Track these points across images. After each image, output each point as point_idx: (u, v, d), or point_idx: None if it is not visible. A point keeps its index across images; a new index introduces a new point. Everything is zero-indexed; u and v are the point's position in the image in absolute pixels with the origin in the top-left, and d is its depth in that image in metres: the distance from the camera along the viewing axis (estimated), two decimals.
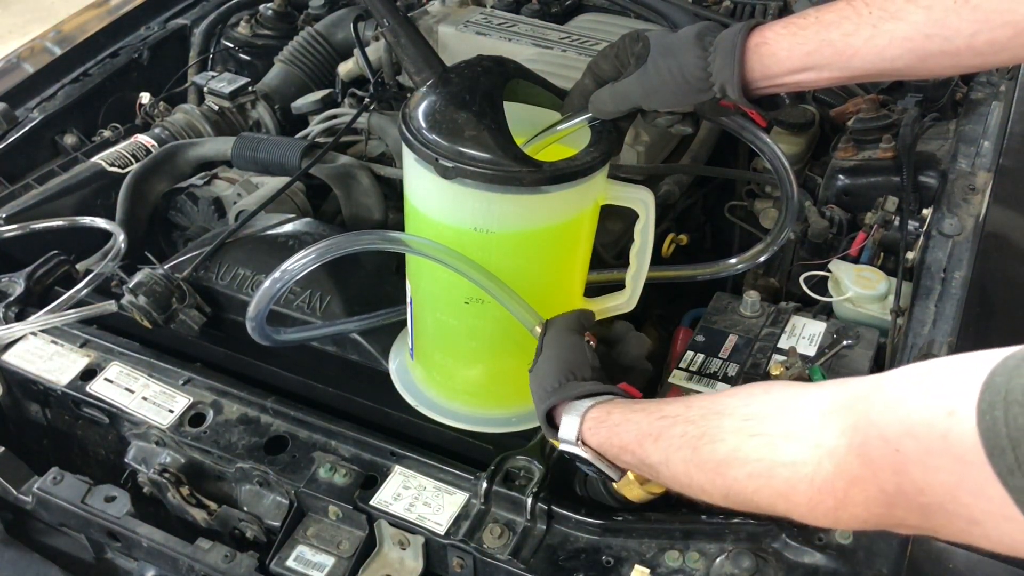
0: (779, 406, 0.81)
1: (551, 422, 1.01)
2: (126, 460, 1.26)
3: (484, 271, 1.05)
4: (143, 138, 1.80)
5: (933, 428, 0.64)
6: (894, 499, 0.69)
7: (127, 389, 1.27)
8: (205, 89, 1.91)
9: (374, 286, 1.39)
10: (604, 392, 0.99)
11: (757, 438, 0.79)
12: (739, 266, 1.26)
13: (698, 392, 1.21)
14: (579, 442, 0.97)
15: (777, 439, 0.78)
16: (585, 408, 0.97)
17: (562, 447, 0.99)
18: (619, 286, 1.22)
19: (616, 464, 0.97)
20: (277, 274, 1.08)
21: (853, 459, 0.71)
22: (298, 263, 1.06)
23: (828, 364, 1.23)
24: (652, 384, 1.31)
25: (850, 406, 0.73)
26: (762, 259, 1.23)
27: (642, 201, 1.14)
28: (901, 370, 0.71)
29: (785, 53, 0.98)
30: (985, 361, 0.62)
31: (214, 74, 1.95)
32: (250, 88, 1.92)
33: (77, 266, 1.50)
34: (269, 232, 1.46)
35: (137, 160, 1.72)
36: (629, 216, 1.16)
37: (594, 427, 0.96)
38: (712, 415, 0.85)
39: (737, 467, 0.80)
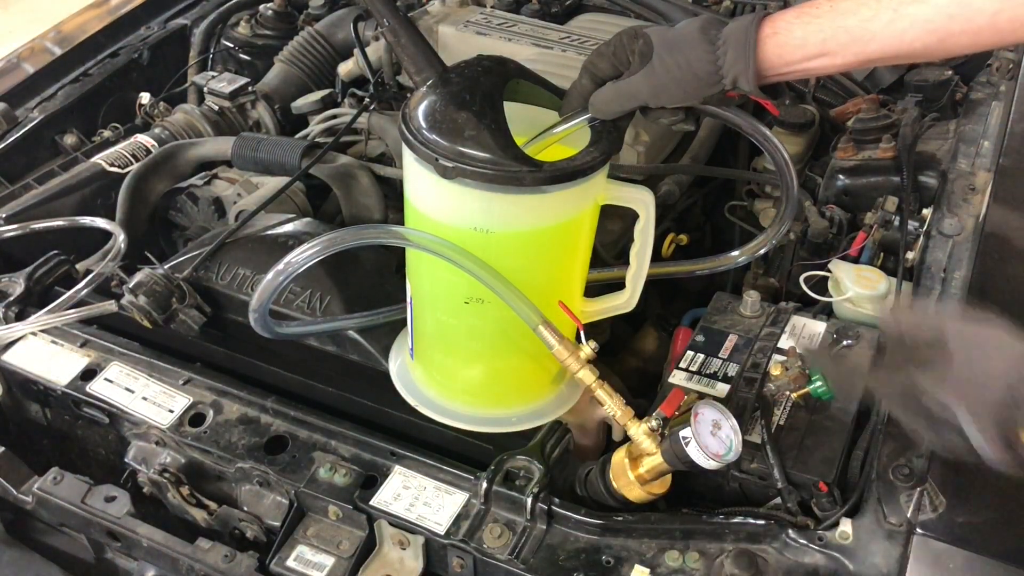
0: None
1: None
2: (126, 460, 1.26)
3: (486, 266, 1.05)
4: (143, 138, 1.80)
5: None
6: None
7: (127, 389, 1.27)
8: (205, 89, 1.91)
9: (374, 286, 1.39)
10: None
11: None
12: (740, 258, 1.25)
13: (697, 392, 1.20)
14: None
15: None
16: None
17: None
18: (619, 286, 1.22)
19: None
20: (281, 266, 1.07)
21: None
22: (302, 255, 1.05)
23: None
24: (652, 384, 1.31)
25: None
26: (762, 251, 1.23)
27: (642, 201, 1.14)
28: None
29: (799, 41, 0.98)
30: None
31: (214, 74, 1.96)
32: (250, 88, 1.93)
33: (77, 266, 1.50)
34: (269, 232, 1.46)
35: (137, 160, 1.72)
36: (629, 216, 1.15)
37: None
38: None
39: None
